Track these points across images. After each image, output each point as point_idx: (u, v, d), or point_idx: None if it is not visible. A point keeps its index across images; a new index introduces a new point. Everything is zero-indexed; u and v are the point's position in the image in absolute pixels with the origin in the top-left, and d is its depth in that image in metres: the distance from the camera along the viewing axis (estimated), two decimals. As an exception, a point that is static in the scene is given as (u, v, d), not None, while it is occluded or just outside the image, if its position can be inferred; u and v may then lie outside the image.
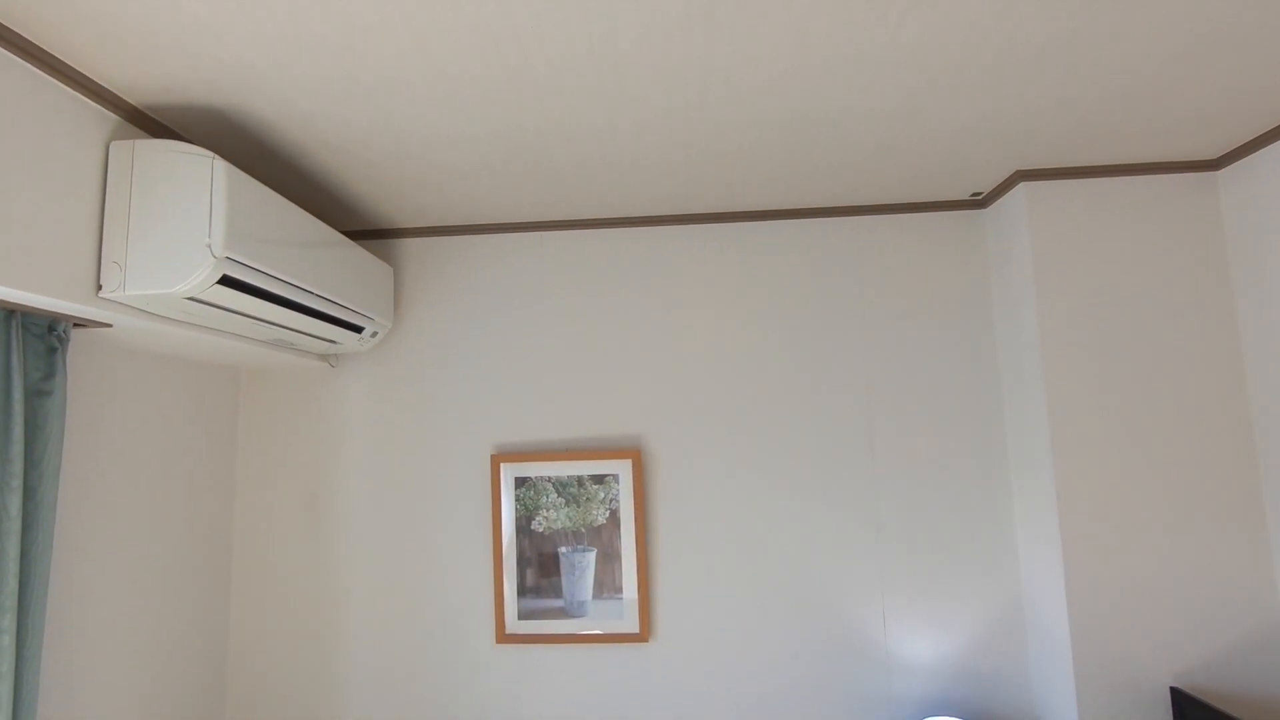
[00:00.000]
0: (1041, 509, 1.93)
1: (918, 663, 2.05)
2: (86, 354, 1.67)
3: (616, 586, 2.09)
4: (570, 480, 2.13)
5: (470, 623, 2.13)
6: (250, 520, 2.21)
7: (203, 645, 2.04)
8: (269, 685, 2.14)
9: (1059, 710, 1.89)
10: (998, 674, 2.03)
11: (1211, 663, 1.80)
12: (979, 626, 2.05)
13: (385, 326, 2.11)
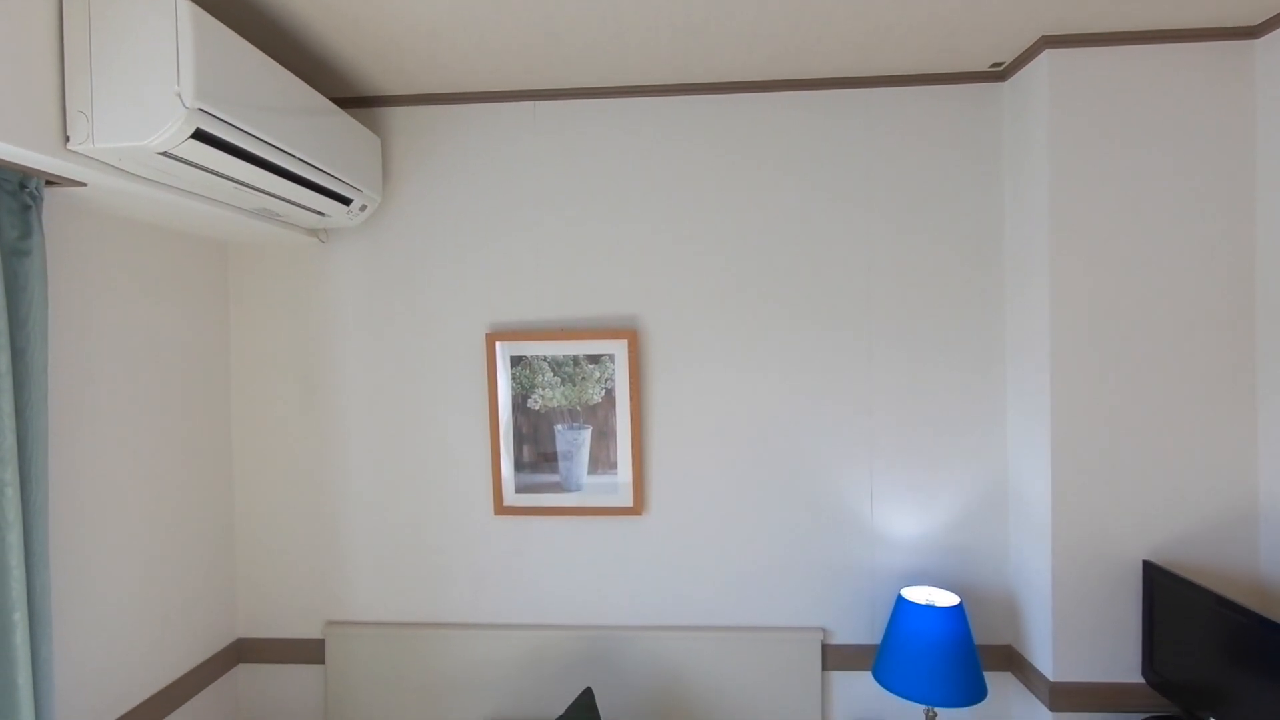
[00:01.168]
0: (1035, 390, 1.94)
1: (901, 538, 2.12)
2: (65, 218, 1.61)
3: (611, 463, 2.13)
4: (566, 360, 2.12)
5: (469, 496, 2.19)
6: (247, 397, 2.23)
7: (209, 520, 2.11)
8: (276, 557, 2.23)
9: (1034, 582, 1.97)
10: (977, 548, 2.10)
11: (1184, 539, 1.86)
12: (963, 504, 2.10)
13: (374, 200, 2.05)
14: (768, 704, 2.11)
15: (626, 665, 2.13)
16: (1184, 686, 1.70)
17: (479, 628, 2.17)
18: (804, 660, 2.10)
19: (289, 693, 2.23)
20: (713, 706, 2.12)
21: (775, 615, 2.15)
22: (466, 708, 2.15)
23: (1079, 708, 1.88)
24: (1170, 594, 1.75)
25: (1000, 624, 2.11)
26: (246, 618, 2.23)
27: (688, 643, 2.12)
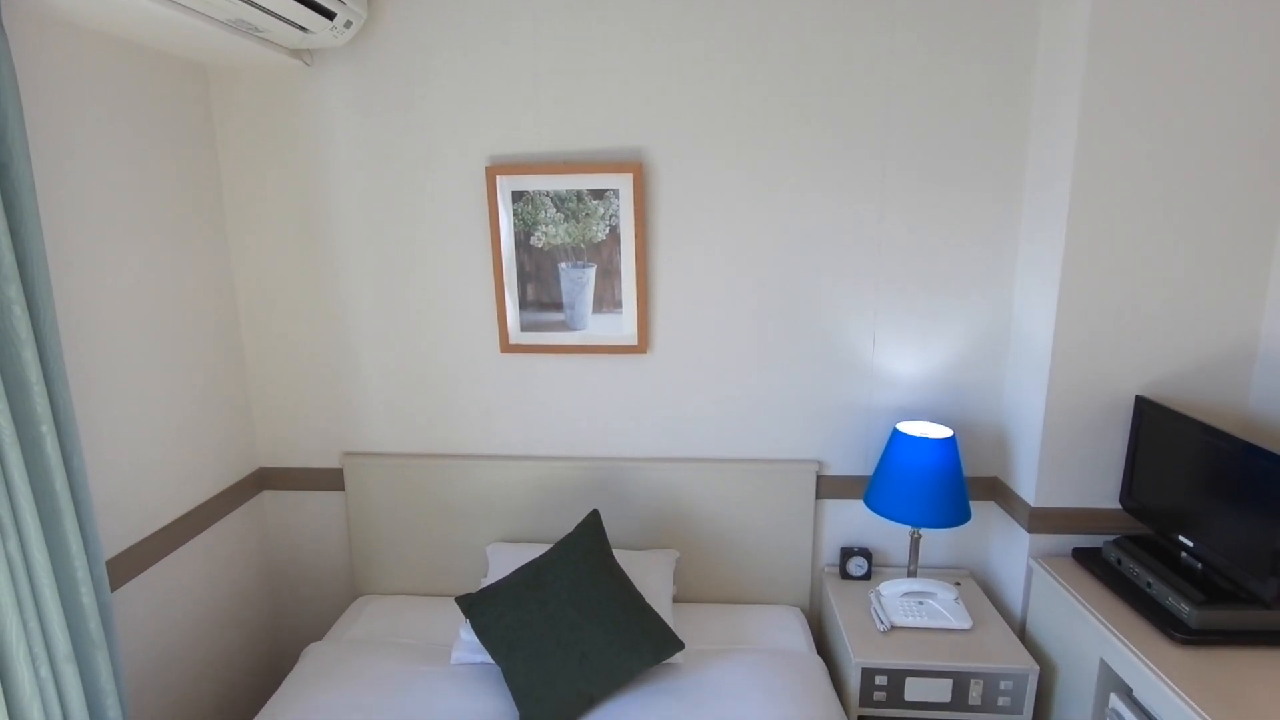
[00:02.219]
0: (1051, 226, 1.89)
1: (900, 376, 2.16)
2: (32, 29, 1.50)
3: (616, 301, 2.13)
4: (569, 195, 2.06)
5: (474, 334, 2.21)
6: (243, 233, 2.19)
7: (218, 355, 2.13)
8: (289, 392, 2.28)
9: (1026, 417, 2.03)
10: (974, 386, 2.15)
11: (1178, 378, 1.89)
12: (964, 343, 2.12)
13: (359, 16, 1.89)
14: (763, 529, 2.24)
15: (630, 494, 2.25)
16: (1159, 511, 1.80)
17: (489, 459, 2.26)
18: (799, 489, 2.22)
19: (312, 517, 2.37)
20: (711, 532, 2.26)
21: (774, 448, 2.24)
22: (479, 530, 2.30)
23: (1055, 530, 2.00)
24: (1158, 426, 1.81)
25: (989, 458, 2.21)
26: (266, 449, 2.33)
27: (689, 474, 2.22)
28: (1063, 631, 1.88)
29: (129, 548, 1.76)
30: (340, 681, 1.86)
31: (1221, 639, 1.57)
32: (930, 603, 2.05)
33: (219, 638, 2.13)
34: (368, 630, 2.14)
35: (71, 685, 1.40)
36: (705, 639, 2.06)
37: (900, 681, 1.89)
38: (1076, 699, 1.81)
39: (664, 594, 2.06)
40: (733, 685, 1.83)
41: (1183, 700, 1.40)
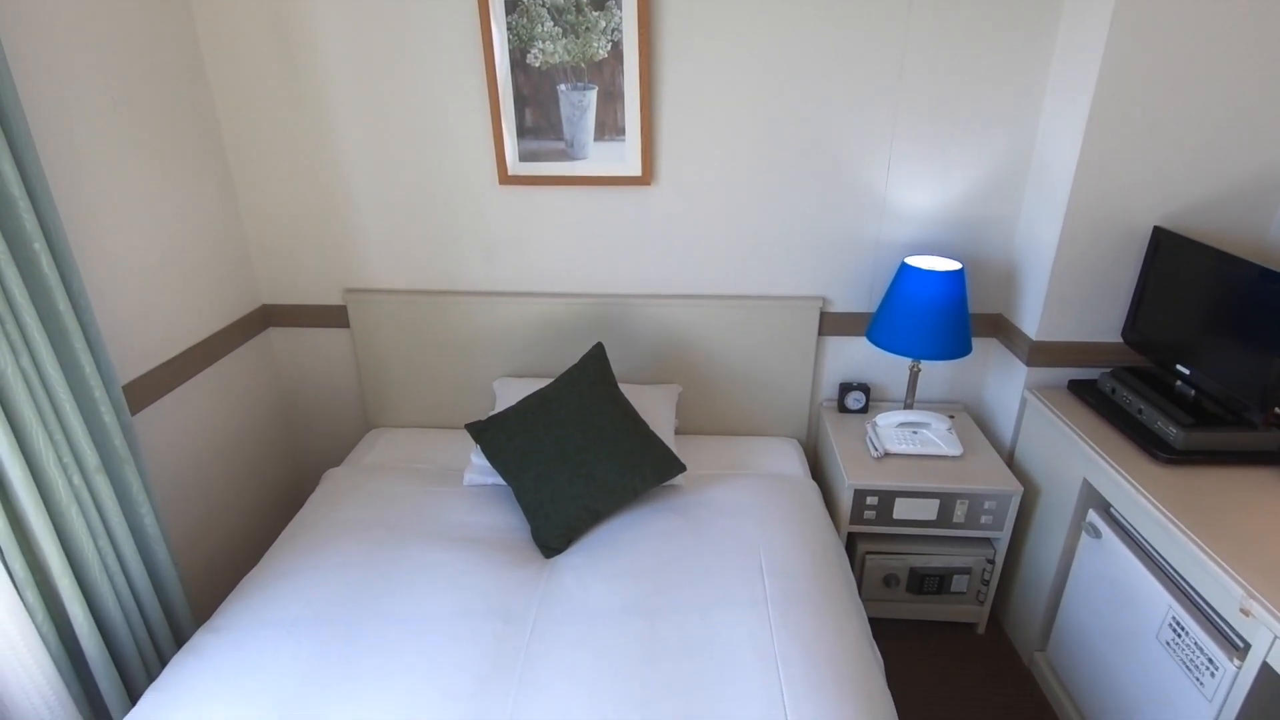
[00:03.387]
0: (1087, 48, 1.75)
1: (912, 210, 2.09)
2: None
3: (618, 128, 2.02)
4: (568, 5, 1.89)
5: (471, 165, 2.11)
6: (223, 69, 2.03)
7: (209, 189, 2.06)
8: (285, 227, 2.22)
9: (1038, 251, 1.99)
10: (987, 221, 2.09)
11: (1199, 207, 1.83)
12: (980, 178, 2.04)
13: None
14: (764, 365, 2.28)
15: (633, 330, 2.26)
16: (1161, 343, 1.81)
17: (492, 296, 2.25)
18: (802, 326, 2.22)
19: (320, 354, 2.40)
20: (713, 367, 2.29)
21: (779, 285, 2.22)
22: (486, 366, 2.33)
23: (1053, 363, 2.03)
24: (1172, 257, 1.77)
25: (994, 295, 2.19)
26: (267, 285, 2.31)
27: (692, 310, 2.22)
28: (1049, 457, 1.95)
29: (142, 375, 1.79)
30: (360, 501, 1.96)
31: (1204, 459, 1.63)
32: (924, 432, 2.12)
33: (241, 464, 2.23)
34: (382, 458, 2.24)
35: (106, 495, 1.48)
36: (705, 465, 2.15)
37: (890, 502, 2.00)
38: (1056, 517, 1.91)
39: (666, 425, 2.12)
40: (731, 504, 1.93)
41: (1160, 512, 1.48)
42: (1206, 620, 1.40)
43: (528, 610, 1.58)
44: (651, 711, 1.33)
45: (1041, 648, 2.01)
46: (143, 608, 1.59)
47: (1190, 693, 1.42)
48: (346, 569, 1.70)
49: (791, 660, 1.44)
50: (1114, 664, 1.67)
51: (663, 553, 1.75)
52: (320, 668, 1.43)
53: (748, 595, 1.61)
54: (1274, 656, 1.22)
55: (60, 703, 1.38)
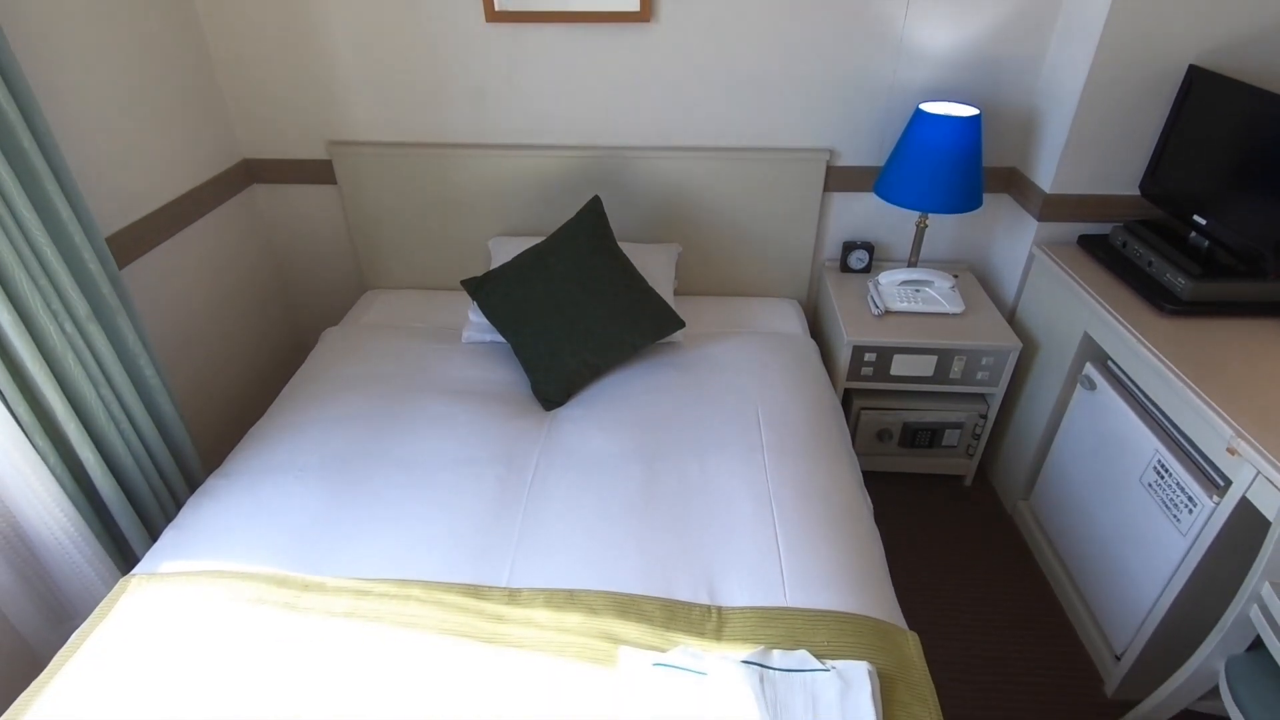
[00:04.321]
0: None
1: (930, 51, 1.95)
2: None
3: (615, -46, 1.84)
4: None
5: None
6: None
7: (175, 35, 1.89)
8: (261, 75, 2.07)
9: (1061, 95, 1.87)
10: (1010, 62, 1.95)
11: (1239, 43, 1.70)
12: (1009, 12, 1.88)
13: None
14: (767, 222, 2.21)
15: (632, 185, 2.17)
16: (1181, 193, 1.74)
17: (482, 148, 2.15)
18: (807, 180, 2.13)
19: (308, 212, 2.32)
20: (714, 226, 2.23)
21: (785, 136, 2.11)
22: (480, 225, 2.26)
23: (1065, 218, 1.97)
24: (1206, 97, 1.67)
25: (1009, 146, 2.09)
26: (247, 138, 2.20)
27: (693, 164, 2.12)
28: (1051, 313, 1.94)
29: (124, 228, 1.73)
30: (360, 357, 1.97)
31: (1210, 310, 1.61)
32: (926, 290, 2.09)
33: (239, 323, 2.22)
34: (380, 317, 2.23)
35: (101, 345, 1.47)
36: (705, 324, 2.14)
37: (888, 358, 2.00)
38: (1052, 372, 1.92)
39: (665, 284, 2.09)
40: (729, 360, 1.94)
41: (1159, 360, 1.48)
42: (1191, 462, 1.44)
43: (529, 457, 1.62)
44: (649, 547, 1.39)
45: (1025, 497, 2.09)
46: (153, 455, 1.62)
47: (1166, 529, 1.48)
48: (351, 420, 1.73)
49: (785, 500, 1.49)
50: (1094, 508, 1.74)
51: (661, 405, 1.77)
52: (331, 509, 1.48)
53: (744, 443, 1.65)
54: (1253, 491, 1.26)
55: (83, 537, 1.44)
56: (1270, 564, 1.20)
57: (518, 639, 1.21)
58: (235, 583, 1.30)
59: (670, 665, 1.15)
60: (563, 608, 1.26)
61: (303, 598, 1.28)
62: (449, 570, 1.34)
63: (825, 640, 1.20)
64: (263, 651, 1.19)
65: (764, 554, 1.37)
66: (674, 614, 1.25)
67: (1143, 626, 1.56)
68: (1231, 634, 1.28)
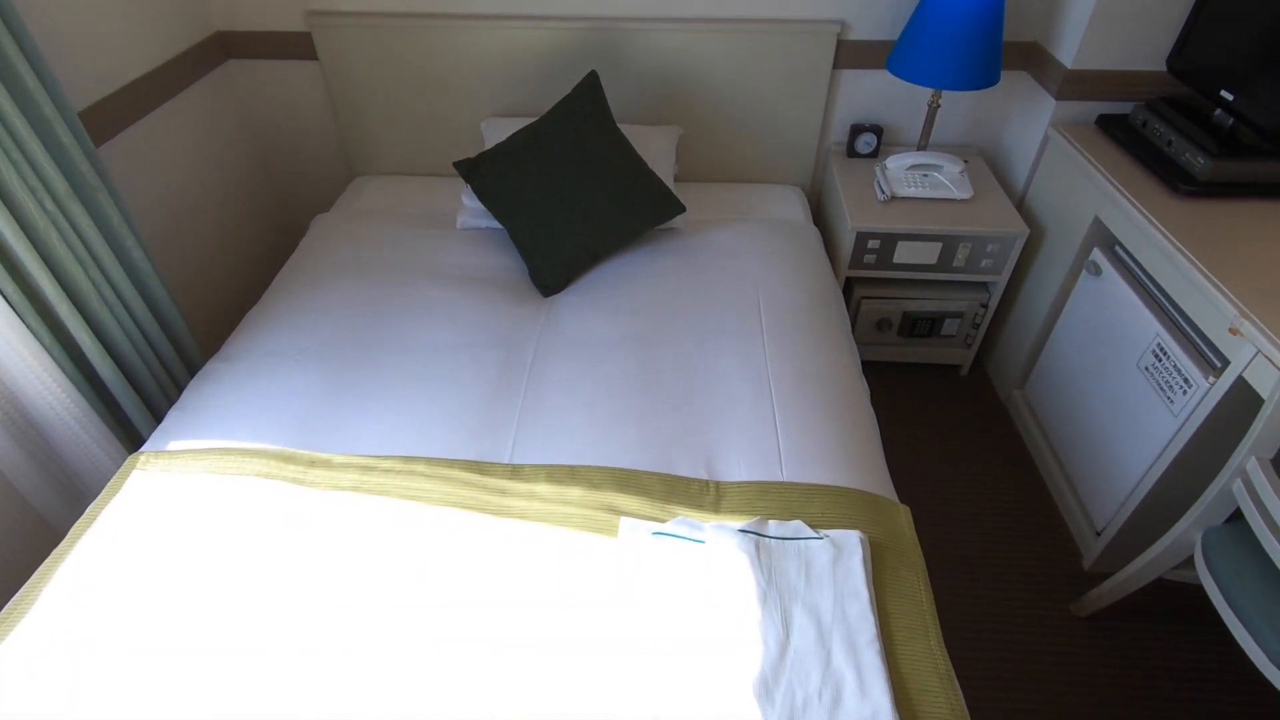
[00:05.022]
0: None
1: (956, -93, 1.79)
2: None
3: None
4: None
5: None
6: None
7: None
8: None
9: (1093, -43, 1.74)
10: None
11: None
12: None
13: None
14: (771, 102, 2.11)
15: (631, 61, 2.05)
16: (1211, 67, 1.65)
17: (472, 19, 2.01)
18: (815, 56, 2.02)
19: (289, 90, 2.20)
20: (716, 107, 2.12)
21: (794, 5, 1.97)
22: (472, 105, 2.16)
23: (1086, 96, 1.88)
24: (1248, -42, 1.55)
25: (1031, 18, 1.96)
26: (220, 9, 2.05)
27: (695, 38, 2.00)
28: (1062, 198, 1.88)
29: (96, 103, 1.64)
30: (353, 244, 1.92)
31: (1227, 192, 1.57)
32: (935, 175, 2.03)
33: (225, 209, 2.15)
34: (371, 204, 2.16)
35: (84, 224, 1.42)
36: (706, 211, 2.08)
37: (892, 245, 1.97)
38: (1058, 258, 1.89)
39: (666, 168, 2.01)
40: (730, 247, 1.90)
41: (1168, 240, 1.45)
42: (1190, 345, 1.44)
43: (528, 341, 1.62)
44: (649, 426, 1.41)
45: (1020, 386, 2.11)
46: (149, 338, 1.61)
47: (1159, 411, 1.50)
48: (347, 305, 1.71)
49: (783, 382, 1.50)
50: (1088, 394, 1.76)
51: (661, 290, 1.75)
52: (332, 391, 1.49)
53: (744, 328, 1.64)
54: (1250, 371, 1.27)
55: (87, 417, 1.45)
56: (1259, 440, 1.22)
57: (520, 511, 1.24)
58: (242, 459, 1.33)
59: (669, 534, 1.19)
60: (564, 482, 1.29)
61: (309, 473, 1.31)
62: (451, 448, 1.36)
63: (819, 511, 1.24)
64: (273, 522, 1.23)
65: (762, 432, 1.39)
66: (673, 488, 1.29)
67: (1124, 504, 1.61)
68: (1212, 507, 1.32)
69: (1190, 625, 1.63)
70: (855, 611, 1.09)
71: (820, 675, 1.01)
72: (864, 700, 0.98)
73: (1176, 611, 1.65)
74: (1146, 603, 1.66)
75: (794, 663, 1.02)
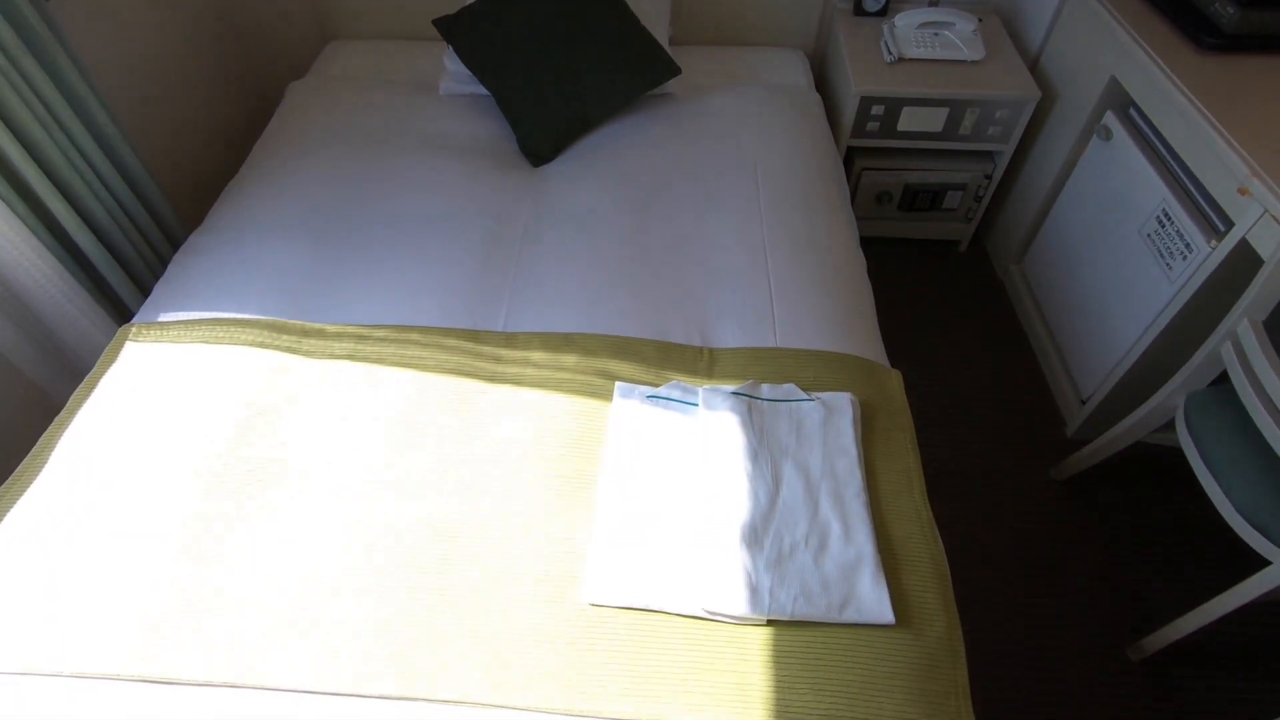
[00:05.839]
0: None
1: None
2: None
3: None
4: None
5: None
6: None
7: None
8: None
9: None
10: None
11: None
12: None
13: None
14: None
15: (622, -97, 1.87)
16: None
17: None
18: (824, -104, 1.85)
19: (252, -58, 2.02)
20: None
21: None
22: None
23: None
24: None
25: None
26: None
27: (693, -127, 1.82)
28: (1078, 58, 1.78)
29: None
30: (332, 112, 1.83)
31: (1253, 46, 1.48)
32: (946, 34, 1.91)
33: (191, 72, 2.01)
34: (348, 69, 2.04)
35: (40, 81, 1.34)
36: (702, 75, 1.97)
37: (896, 111, 1.88)
38: (1068, 123, 1.82)
39: (660, 29, 1.88)
40: (728, 113, 1.81)
41: (1185, 97, 1.38)
42: (1195, 208, 1.41)
43: (519, 211, 1.58)
44: (643, 295, 1.40)
45: (1018, 261, 2.09)
46: (126, 209, 1.56)
47: (1156, 278, 1.49)
48: (330, 176, 1.64)
49: (779, 251, 1.48)
50: (1086, 265, 1.74)
51: (656, 159, 1.69)
52: (320, 263, 1.46)
53: (740, 197, 1.60)
54: (1254, 233, 1.25)
55: (73, 290, 1.43)
56: (1254, 301, 1.22)
57: (515, 376, 1.25)
58: (235, 329, 1.32)
59: (663, 398, 1.21)
60: (559, 349, 1.29)
61: (304, 343, 1.30)
62: (444, 318, 1.36)
63: (812, 375, 1.25)
64: (269, 389, 1.24)
65: (756, 299, 1.38)
66: (667, 354, 1.29)
67: (1112, 372, 1.64)
68: (1199, 370, 1.34)
69: (1164, 487, 1.70)
70: (844, 467, 1.12)
71: (807, 523, 1.05)
72: (848, 545, 1.03)
73: (1152, 475, 1.72)
74: (1124, 466, 1.72)
75: (782, 513, 1.06)
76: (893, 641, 0.97)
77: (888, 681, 0.93)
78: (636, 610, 0.99)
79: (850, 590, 0.99)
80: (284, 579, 1.02)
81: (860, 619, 0.98)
